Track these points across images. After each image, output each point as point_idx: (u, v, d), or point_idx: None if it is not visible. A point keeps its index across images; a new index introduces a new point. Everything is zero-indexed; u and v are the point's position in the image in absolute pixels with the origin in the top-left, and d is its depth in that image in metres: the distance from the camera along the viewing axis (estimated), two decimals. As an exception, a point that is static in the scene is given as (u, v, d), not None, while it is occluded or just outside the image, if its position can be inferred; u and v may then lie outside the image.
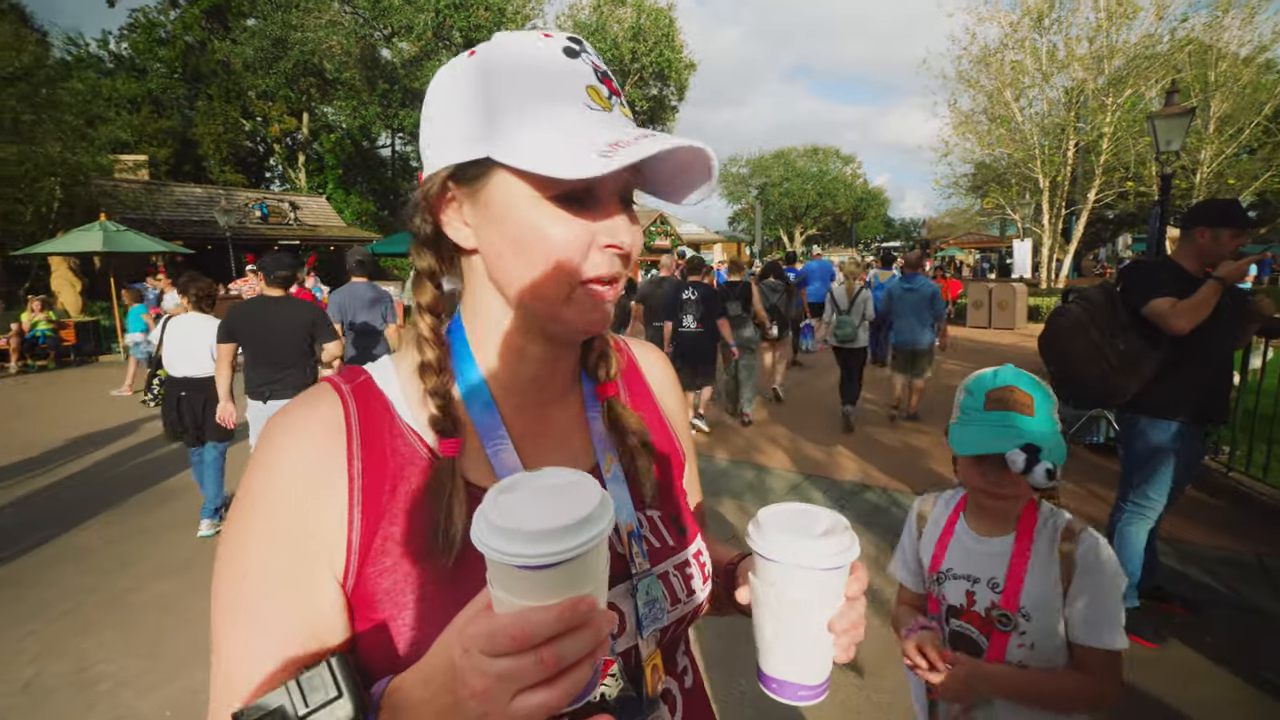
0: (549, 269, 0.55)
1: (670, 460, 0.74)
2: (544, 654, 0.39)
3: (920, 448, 5.85)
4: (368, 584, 0.55)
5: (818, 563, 0.54)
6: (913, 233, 55.95)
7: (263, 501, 0.55)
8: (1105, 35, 17.99)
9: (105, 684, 2.76)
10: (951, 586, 1.27)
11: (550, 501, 0.43)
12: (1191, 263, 2.77)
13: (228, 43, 20.74)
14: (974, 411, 1.24)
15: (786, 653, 0.58)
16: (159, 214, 16.84)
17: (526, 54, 0.55)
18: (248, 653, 0.53)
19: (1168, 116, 7.62)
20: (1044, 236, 19.93)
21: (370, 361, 0.67)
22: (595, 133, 0.53)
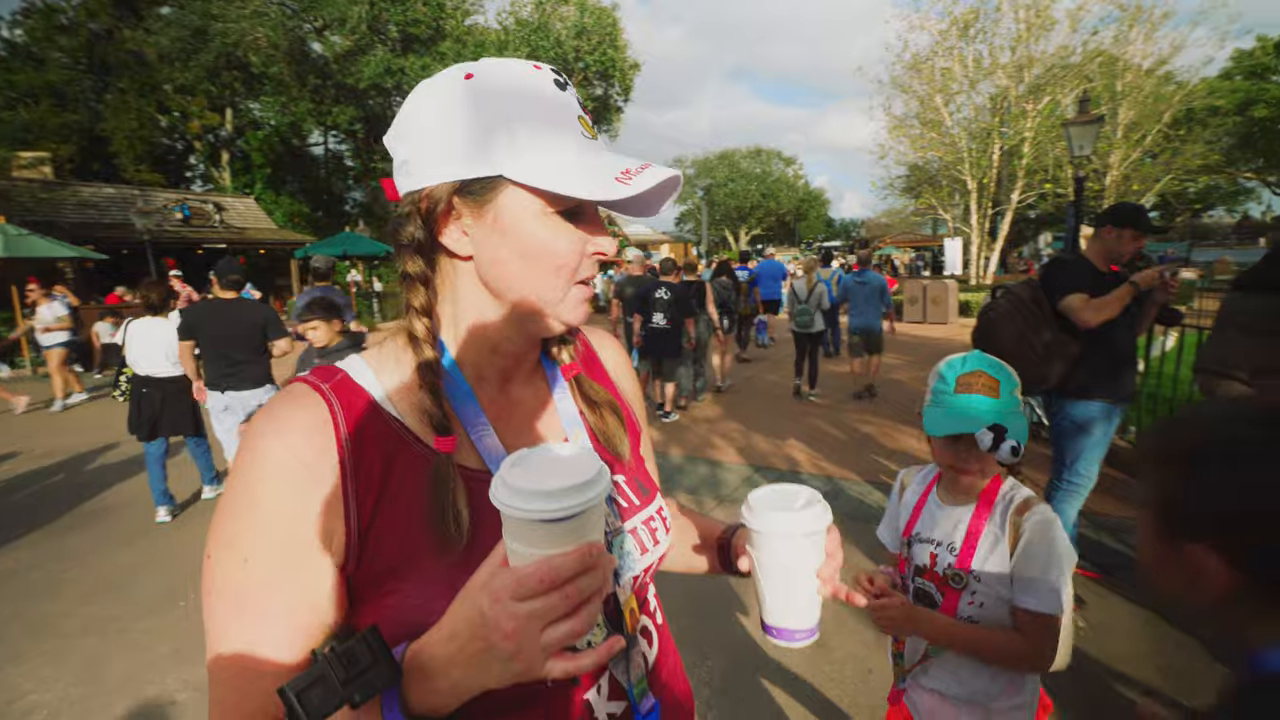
0: (553, 273, 0.65)
1: (630, 432, 0.84)
2: (568, 590, 0.47)
3: (865, 436, 6.06)
4: (371, 565, 0.60)
5: (801, 530, 0.67)
6: (852, 232, 57.76)
7: (259, 499, 0.58)
8: (1025, 45, 19.11)
9: (39, 714, 2.57)
10: (919, 549, 1.40)
11: (558, 467, 0.51)
12: (1099, 259, 3.02)
13: (140, 32, 19.47)
14: (945, 395, 1.34)
15: (785, 606, 0.71)
16: (65, 216, 15.69)
17: (524, 82, 0.63)
18: (258, 640, 0.56)
19: (1080, 123, 8.16)
20: (973, 235, 20.97)
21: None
22: (601, 159, 0.62)
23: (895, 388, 8.35)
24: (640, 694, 0.70)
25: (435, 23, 16.74)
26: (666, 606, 2.79)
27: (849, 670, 2.68)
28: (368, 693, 0.50)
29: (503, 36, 18.65)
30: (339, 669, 0.49)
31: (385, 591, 0.60)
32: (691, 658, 2.75)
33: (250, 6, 16.32)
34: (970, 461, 1.30)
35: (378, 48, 16.92)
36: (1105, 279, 2.98)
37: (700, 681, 2.62)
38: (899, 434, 6.17)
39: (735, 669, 2.72)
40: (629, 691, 0.69)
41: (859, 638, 2.92)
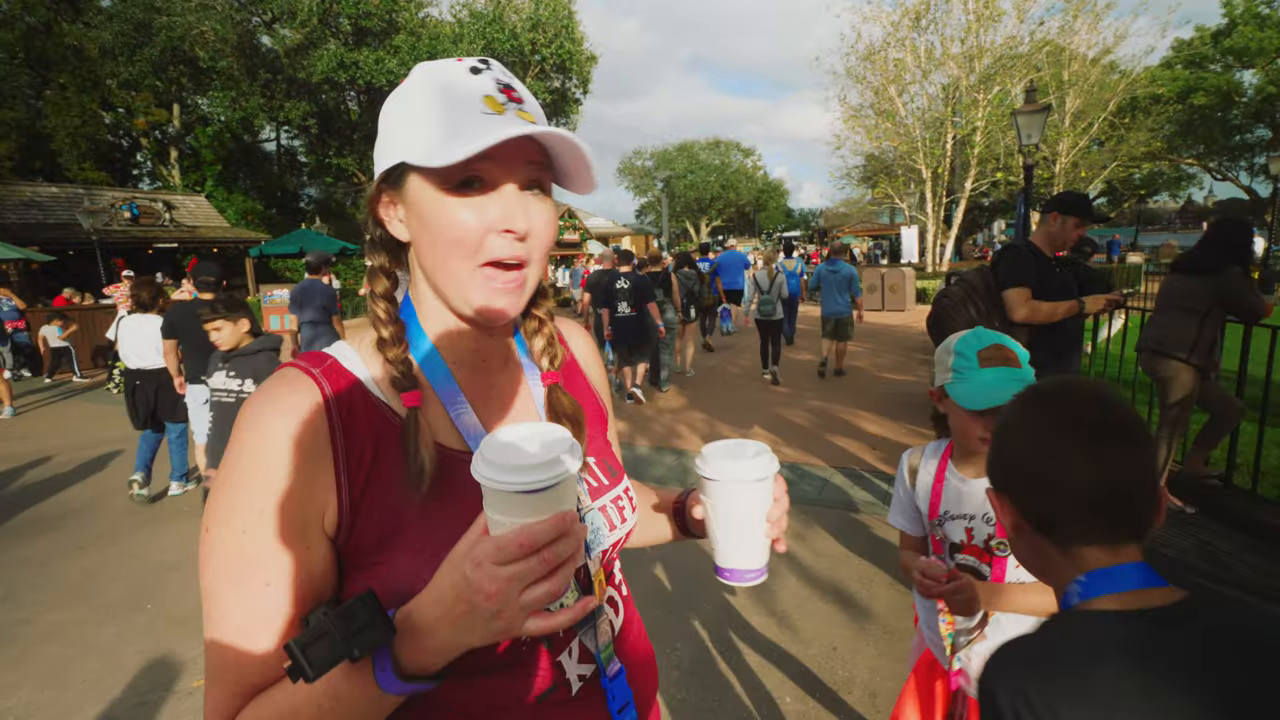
0: (451, 250, 0.65)
1: (598, 418, 0.89)
2: (545, 555, 0.51)
3: (826, 422, 6.26)
4: (360, 536, 0.64)
5: (752, 476, 0.72)
6: (811, 222, 58.50)
7: (255, 475, 0.61)
8: (975, 36, 19.58)
9: (4, 719, 2.57)
10: (951, 526, 1.43)
11: (534, 444, 0.55)
12: (1045, 245, 3.16)
13: (79, 26, 18.69)
14: (970, 370, 1.37)
15: (734, 547, 0.76)
16: (5, 216, 15.06)
17: (440, 75, 0.66)
18: (256, 607, 0.60)
19: (1028, 113, 8.48)
20: (928, 223, 21.48)
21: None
22: (474, 131, 0.61)
23: (856, 374, 8.60)
24: (607, 658, 0.75)
25: (388, 15, 16.43)
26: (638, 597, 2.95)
27: (814, 649, 2.80)
28: (366, 648, 0.54)
29: (457, 29, 18.40)
30: (340, 626, 0.54)
31: (374, 562, 0.64)
32: (661, 646, 2.83)
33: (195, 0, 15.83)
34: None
35: (330, 41, 16.53)
36: (1051, 265, 3.12)
37: (670, 665, 2.71)
38: (859, 419, 6.38)
39: (703, 654, 2.82)
40: (597, 656, 0.74)
41: (822, 617, 3.07)
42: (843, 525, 3.98)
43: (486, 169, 0.64)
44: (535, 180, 0.68)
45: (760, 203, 55.15)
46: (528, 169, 0.67)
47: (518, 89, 0.69)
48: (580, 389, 0.89)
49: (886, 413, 6.54)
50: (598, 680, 0.74)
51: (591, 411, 0.88)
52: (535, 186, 0.68)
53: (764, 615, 3.06)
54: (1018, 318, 3.05)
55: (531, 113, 0.68)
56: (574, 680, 0.72)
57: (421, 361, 0.73)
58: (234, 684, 0.61)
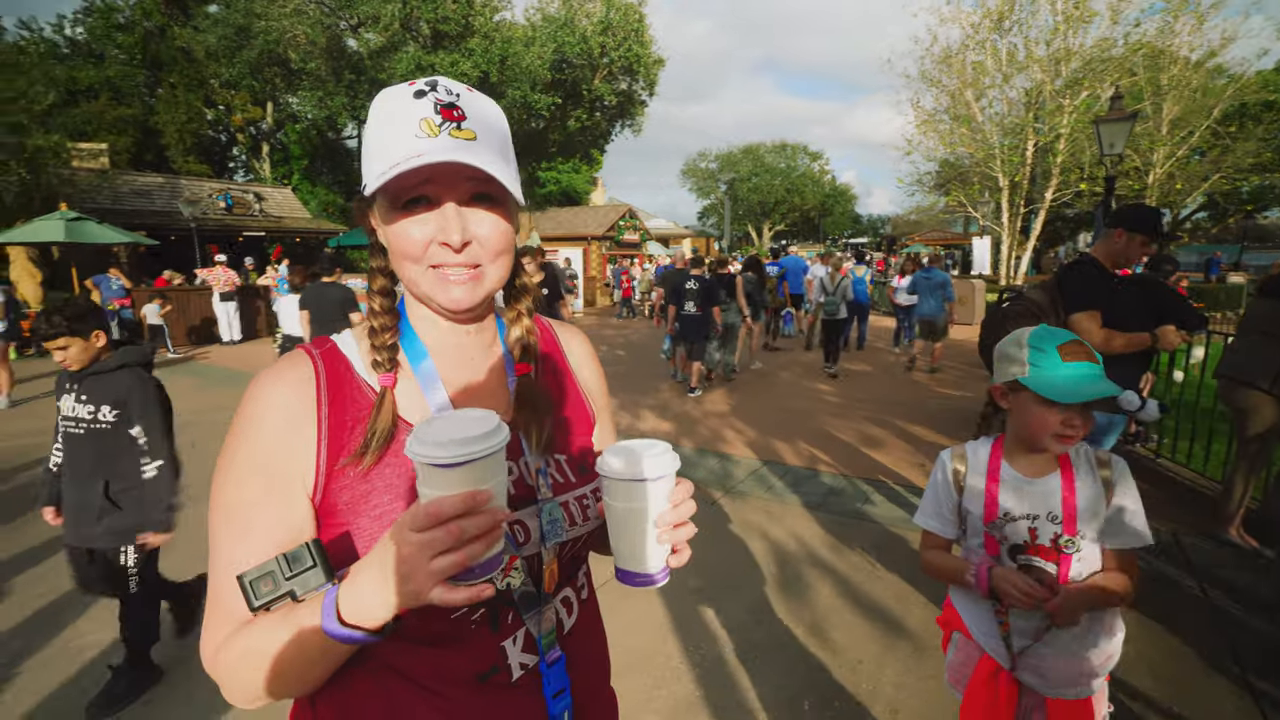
0: (402, 259, 0.74)
1: (580, 419, 0.93)
2: (451, 527, 0.55)
3: (878, 435, 6.13)
4: (331, 498, 0.72)
5: (640, 474, 0.70)
6: (879, 229, 56.87)
7: (252, 434, 0.72)
8: (1063, 38, 18.59)
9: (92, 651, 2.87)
10: (1013, 528, 1.40)
11: (460, 425, 0.60)
12: (1108, 261, 2.97)
13: (189, 30, 20.23)
14: (1050, 363, 1.33)
15: (628, 549, 0.73)
16: (119, 204, 16.43)
17: (389, 101, 0.72)
18: (241, 547, 0.69)
19: (1112, 121, 8.01)
20: (1003, 234, 20.54)
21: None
22: (401, 156, 0.67)
23: (913, 387, 8.38)
24: (548, 645, 0.79)
25: (464, 19, 17.02)
26: (670, 592, 3.01)
27: (840, 660, 2.79)
28: (304, 588, 0.63)
29: (529, 32, 18.86)
30: (285, 567, 0.63)
31: (343, 522, 0.72)
32: (684, 644, 2.89)
33: (291, 5, 16.82)
34: (1079, 426, 1.33)
35: (409, 44, 17.27)
36: (1115, 286, 2.91)
37: (692, 663, 2.75)
38: (911, 434, 6.23)
39: (726, 655, 2.84)
40: (538, 642, 0.78)
41: (852, 629, 3.04)
42: (882, 540, 3.92)
43: (430, 188, 0.72)
44: (481, 192, 0.74)
45: (826, 208, 54.03)
46: (468, 184, 0.72)
47: (462, 106, 0.73)
48: (565, 388, 0.93)
49: (942, 429, 6.35)
50: (538, 668, 0.78)
51: (572, 410, 0.92)
52: (482, 198, 0.74)
53: (792, 622, 3.07)
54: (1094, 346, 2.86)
55: (472, 129, 0.72)
56: (515, 666, 0.76)
57: (407, 350, 0.81)
58: (224, 613, 0.70)
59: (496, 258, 0.76)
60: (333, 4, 17.22)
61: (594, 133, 22.50)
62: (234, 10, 17.34)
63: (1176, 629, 2.93)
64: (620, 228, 24.12)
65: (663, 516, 0.71)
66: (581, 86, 20.05)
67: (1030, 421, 1.37)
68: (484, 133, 0.73)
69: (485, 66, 16.96)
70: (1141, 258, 3.00)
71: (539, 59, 17.90)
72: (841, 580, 3.45)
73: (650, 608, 3.17)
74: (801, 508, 4.44)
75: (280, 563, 0.63)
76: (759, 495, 4.69)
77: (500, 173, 0.71)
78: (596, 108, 21.68)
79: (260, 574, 0.63)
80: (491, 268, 0.77)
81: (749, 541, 3.95)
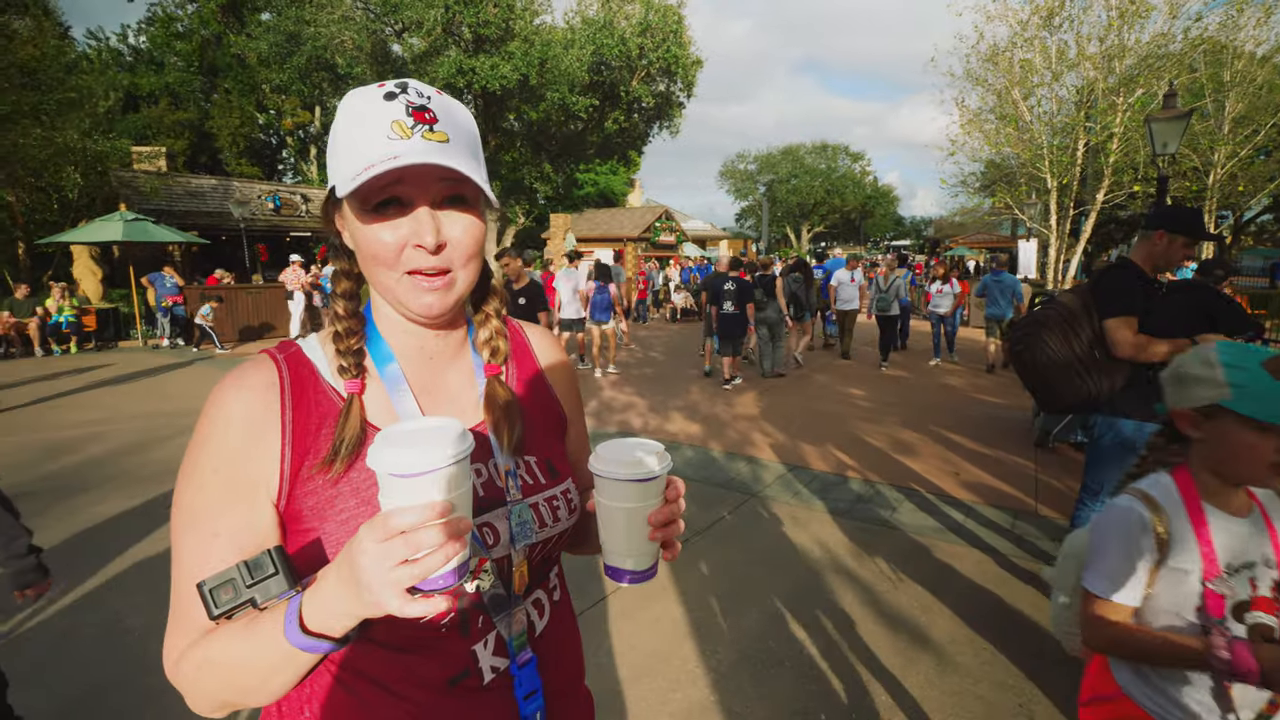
0: (376, 264, 0.72)
1: (551, 420, 0.92)
2: (408, 539, 0.54)
3: (910, 442, 6.00)
4: (296, 503, 0.71)
5: (633, 475, 0.70)
6: (921, 231, 55.62)
7: (214, 440, 0.71)
8: (1117, 34, 17.88)
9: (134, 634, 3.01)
10: (1236, 581, 1.18)
11: (423, 435, 0.58)
12: (1147, 264, 2.85)
13: (243, 37, 21.01)
14: (1260, 383, 1.14)
15: (617, 545, 0.73)
16: (174, 205, 17.15)
17: (359, 101, 0.71)
18: (204, 553, 0.68)
19: (1165, 119, 7.67)
20: (1051, 237, 19.86)
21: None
22: (375, 158, 0.66)
23: (950, 393, 8.17)
24: (519, 647, 0.78)
25: (505, 23, 17.25)
26: (684, 597, 3.00)
27: (860, 671, 2.75)
28: (265, 596, 0.62)
29: (568, 35, 19.00)
30: (245, 574, 0.62)
31: (308, 528, 0.71)
32: (702, 648, 2.88)
33: (338, 11, 17.31)
34: None
35: (451, 49, 17.60)
36: (1155, 290, 2.80)
37: (707, 668, 2.74)
38: (945, 441, 6.08)
39: (743, 660, 2.82)
40: (509, 644, 0.77)
41: (874, 639, 2.98)
42: (908, 550, 3.83)
43: (402, 190, 0.70)
44: (454, 194, 0.73)
45: (867, 209, 53.08)
46: (441, 186, 0.71)
47: (434, 109, 0.72)
48: (534, 389, 0.92)
49: (978, 437, 6.18)
50: (509, 670, 0.78)
51: (542, 411, 0.91)
52: (455, 200, 0.73)
53: (812, 630, 3.02)
54: (1122, 354, 2.72)
55: (445, 132, 0.71)
56: (486, 670, 0.76)
57: (374, 354, 0.80)
58: (185, 621, 0.69)
59: (468, 262, 0.76)
60: (378, 10, 17.67)
61: (632, 134, 22.54)
62: (285, 18, 17.94)
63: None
64: (656, 229, 24.13)
65: (654, 515, 0.71)
66: (620, 88, 20.11)
67: (1239, 451, 1.17)
68: (455, 135, 0.72)
69: (525, 69, 17.16)
70: (1183, 260, 2.87)
71: (578, 61, 18.02)
72: (864, 589, 3.39)
73: (668, 611, 3.16)
74: (827, 514, 4.38)
75: (241, 570, 0.62)
76: (785, 500, 4.63)
77: (474, 173, 0.70)
78: (634, 109, 21.72)
79: (220, 581, 0.62)
80: (463, 273, 0.76)
81: (772, 547, 3.91)
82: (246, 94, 25.47)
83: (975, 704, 2.53)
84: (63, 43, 16.46)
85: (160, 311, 13.07)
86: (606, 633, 2.94)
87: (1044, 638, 2.92)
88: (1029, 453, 5.67)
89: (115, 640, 2.98)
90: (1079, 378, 2.83)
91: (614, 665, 2.74)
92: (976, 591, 3.36)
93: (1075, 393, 2.88)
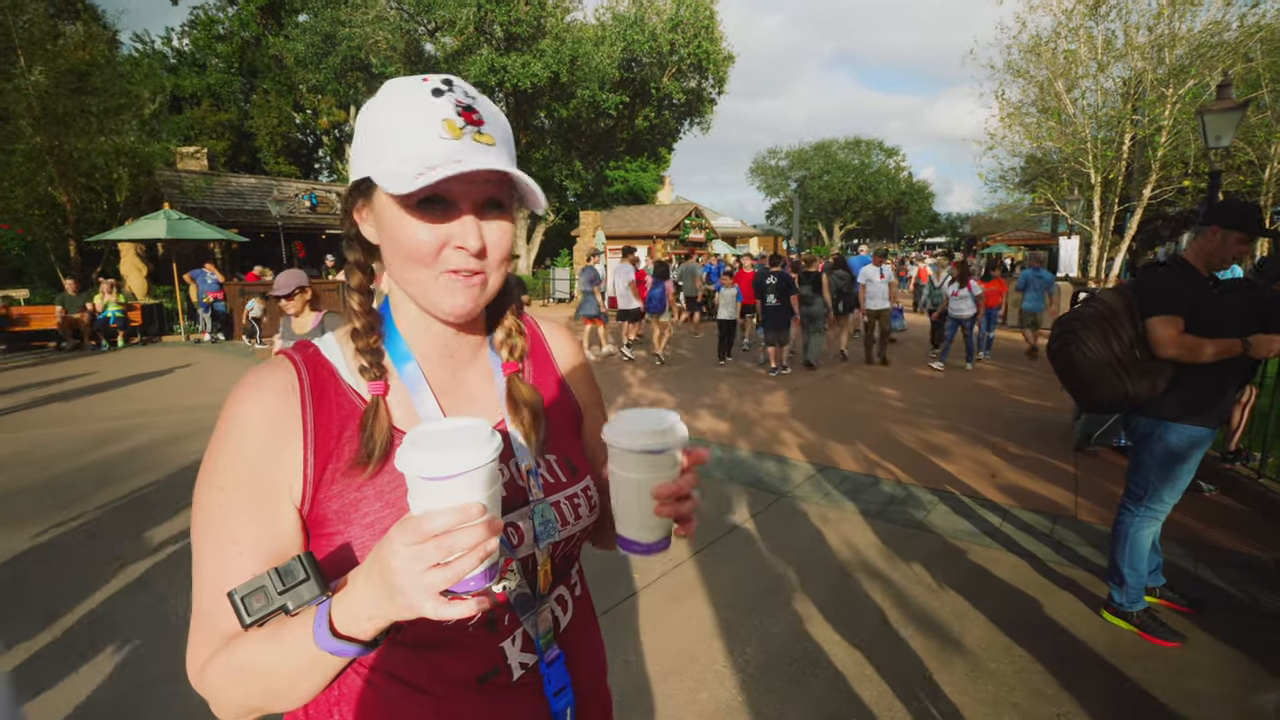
0: (411, 260, 0.70)
1: (568, 417, 0.91)
2: (441, 542, 0.54)
3: (945, 443, 5.87)
4: (320, 508, 0.71)
5: (641, 444, 0.68)
6: (958, 228, 54.41)
7: (234, 445, 0.69)
8: (1167, 22, 17.21)
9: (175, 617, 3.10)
10: None
11: (453, 437, 0.58)
12: (1201, 262, 2.75)
13: (281, 38, 21.52)
14: None
15: (626, 516, 0.72)
16: (216, 203, 17.67)
17: (404, 94, 0.69)
18: (224, 560, 0.68)
19: (1219, 111, 7.36)
20: (1094, 234, 19.24)
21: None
22: (432, 157, 0.65)
23: (986, 394, 7.97)
24: (546, 644, 0.79)
25: (536, 21, 17.34)
26: (717, 596, 2.98)
27: (891, 676, 2.68)
28: (297, 602, 0.61)
29: (599, 31, 19.01)
30: (277, 581, 0.61)
31: (333, 532, 0.70)
32: (731, 647, 2.85)
33: (373, 12, 17.61)
34: None
35: (483, 47, 17.76)
36: (1209, 289, 2.70)
37: (736, 668, 2.71)
38: (980, 443, 5.93)
39: (773, 661, 2.78)
40: (536, 642, 0.78)
41: (907, 644, 2.92)
42: (942, 553, 3.74)
43: (448, 190, 0.69)
44: (493, 198, 0.72)
45: (901, 205, 52.15)
46: (484, 188, 0.70)
47: (480, 110, 0.71)
48: (552, 386, 0.92)
49: (1014, 438, 6.02)
50: (538, 668, 0.78)
51: (560, 408, 0.91)
52: (494, 204, 0.72)
53: (844, 632, 2.97)
54: (1165, 354, 2.63)
55: (491, 134, 0.71)
56: (515, 666, 0.76)
57: (392, 352, 0.79)
58: (209, 629, 0.68)
59: (500, 264, 0.75)
60: (411, 10, 17.91)
61: (662, 131, 22.51)
62: (321, 19, 18.31)
63: (1264, 662, 2.67)
64: (686, 226, 24.05)
65: (660, 488, 0.69)
66: (650, 85, 20.08)
67: None
68: (499, 138, 0.72)
69: (556, 67, 17.24)
70: (1239, 257, 2.75)
71: (609, 58, 18.03)
72: (897, 592, 3.32)
73: (696, 610, 3.14)
74: (859, 515, 4.30)
75: (272, 577, 0.62)
76: (815, 500, 4.57)
77: (522, 180, 0.70)
78: (665, 106, 21.67)
79: (252, 589, 0.62)
80: (495, 275, 0.75)
81: (802, 547, 3.85)
82: (284, 94, 26.10)
83: (1011, 712, 2.46)
84: (111, 48, 17.04)
85: (201, 307, 13.48)
86: (634, 631, 2.94)
87: (1082, 645, 2.83)
88: (1067, 456, 5.50)
89: (160, 620, 3.08)
90: (1117, 377, 2.76)
91: (641, 663, 2.73)
92: (1013, 597, 3.27)
93: (1113, 392, 2.81)
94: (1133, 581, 2.93)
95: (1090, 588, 3.32)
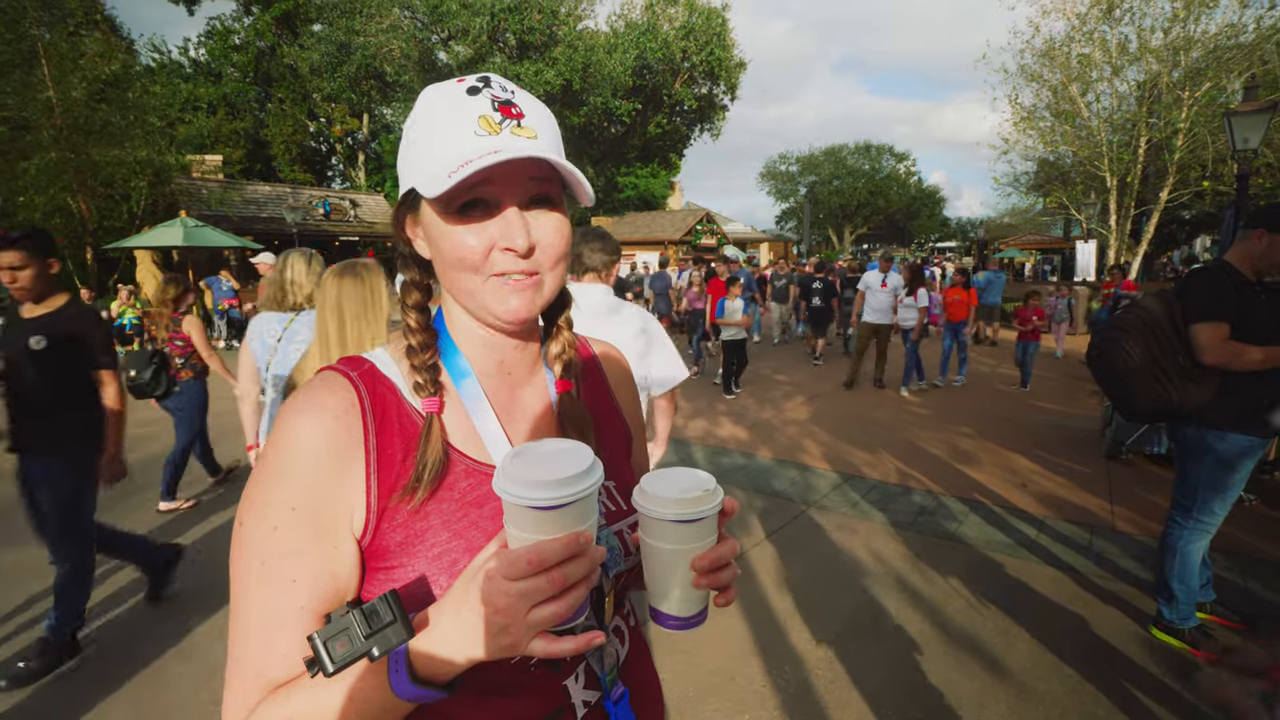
0: (459, 269, 0.67)
1: (619, 441, 0.87)
2: (554, 575, 0.51)
3: (970, 451, 5.78)
4: (382, 539, 0.65)
5: (671, 514, 0.62)
6: (969, 233, 54.16)
7: (290, 471, 0.63)
8: (1182, 25, 17.06)
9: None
10: None
11: (553, 461, 0.55)
12: (1246, 267, 2.67)
13: (296, 48, 21.72)
14: None
15: (662, 589, 0.66)
16: (232, 211, 17.81)
17: (440, 98, 0.66)
18: (277, 600, 0.61)
19: (1247, 113, 7.27)
20: (1110, 238, 19.06)
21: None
22: (467, 154, 0.62)
23: (1010, 401, 7.86)
24: (611, 682, 0.75)
25: (549, 30, 17.41)
26: (750, 612, 2.92)
27: (933, 697, 2.61)
28: (385, 647, 0.54)
29: (612, 39, 19.06)
30: (362, 624, 0.54)
31: (395, 565, 0.65)
32: (770, 667, 2.79)
33: (386, 21, 17.74)
34: None
35: (496, 55, 17.84)
36: (1257, 294, 2.62)
37: (775, 688, 2.65)
38: (1007, 452, 5.83)
39: (812, 681, 2.72)
40: (601, 679, 0.74)
41: (949, 663, 2.85)
42: (978, 566, 3.66)
43: (488, 190, 0.64)
44: (541, 194, 0.68)
45: (912, 210, 51.98)
46: (530, 185, 0.66)
47: (519, 104, 0.67)
48: (604, 407, 0.87)
49: (1042, 446, 5.91)
50: (602, 705, 0.74)
51: (612, 432, 0.86)
52: (542, 200, 0.68)
53: (885, 650, 2.90)
54: (1209, 360, 2.57)
55: (532, 127, 0.66)
56: (579, 705, 0.72)
57: (450, 370, 0.74)
58: (255, 677, 0.61)
59: (555, 264, 0.70)
60: (425, 19, 18.03)
61: (673, 137, 22.53)
62: (336, 28, 18.47)
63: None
64: (698, 231, 24.02)
65: (698, 560, 0.63)
66: (662, 91, 20.11)
67: None
68: (543, 131, 0.67)
69: (568, 74, 17.30)
70: None
71: (621, 65, 18.08)
72: (934, 609, 3.24)
73: (731, 626, 3.07)
74: (888, 526, 4.22)
75: (357, 619, 0.55)
76: (843, 511, 4.49)
77: (569, 171, 0.65)
78: (676, 112, 21.71)
79: (335, 632, 0.54)
80: (550, 275, 0.70)
81: (833, 560, 3.78)
82: (299, 102, 26.34)
83: (1065, 737, 2.38)
84: (130, 58, 17.23)
85: (217, 314, 13.55)
86: (670, 648, 2.87)
87: (1133, 664, 2.74)
88: (1097, 464, 5.40)
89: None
90: (1159, 384, 2.70)
91: (677, 683, 2.67)
92: (1056, 613, 3.18)
93: (1155, 400, 2.74)
94: (1183, 597, 2.84)
95: (1136, 603, 3.22)
